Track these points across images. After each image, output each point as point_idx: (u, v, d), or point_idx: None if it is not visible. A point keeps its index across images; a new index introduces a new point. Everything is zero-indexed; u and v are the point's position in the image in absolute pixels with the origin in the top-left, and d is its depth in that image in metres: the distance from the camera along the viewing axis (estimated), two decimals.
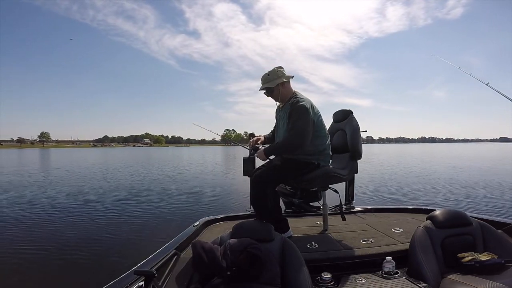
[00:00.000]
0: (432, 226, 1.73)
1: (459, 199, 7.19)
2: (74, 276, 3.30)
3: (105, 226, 5.15)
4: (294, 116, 2.05)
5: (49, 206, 6.89)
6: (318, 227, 2.40)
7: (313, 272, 1.54)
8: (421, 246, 1.62)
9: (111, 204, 7.04)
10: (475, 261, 1.55)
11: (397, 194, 8.21)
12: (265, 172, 2.09)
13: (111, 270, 3.22)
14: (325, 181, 2.21)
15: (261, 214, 2.09)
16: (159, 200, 7.59)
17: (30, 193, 8.73)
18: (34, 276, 3.30)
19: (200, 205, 6.90)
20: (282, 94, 2.18)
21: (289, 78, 2.18)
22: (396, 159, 24.93)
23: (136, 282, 1.26)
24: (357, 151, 2.33)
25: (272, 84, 2.15)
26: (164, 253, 1.63)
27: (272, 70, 2.18)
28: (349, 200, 2.96)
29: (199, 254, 1.42)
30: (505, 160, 21.59)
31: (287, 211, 2.78)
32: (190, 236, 2.01)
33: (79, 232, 4.77)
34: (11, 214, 6.09)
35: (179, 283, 1.44)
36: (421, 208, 2.75)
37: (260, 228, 1.62)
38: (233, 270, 1.36)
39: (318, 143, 2.14)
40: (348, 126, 2.42)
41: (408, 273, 1.62)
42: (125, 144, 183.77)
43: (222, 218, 2.59)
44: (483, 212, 5.34)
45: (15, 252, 3.92)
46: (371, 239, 2.03)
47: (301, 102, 2.06)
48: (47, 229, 5.00)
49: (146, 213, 6.09)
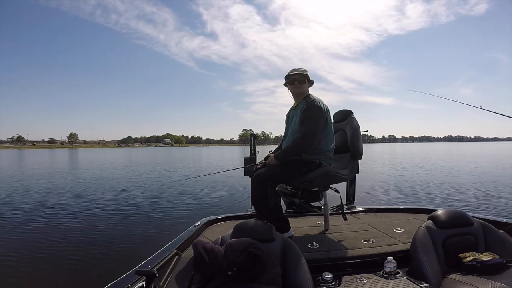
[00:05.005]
0: (433, 226, 1.72)
1: (460, 199, 7.18)
2: (75, 276, 3.31)
3: (106, 226, 5.16)
4: (307, 114, 2.11)
5: (49, 206, 6.91)
6: (319, 227, 2.40)
7: (314, 272, 1.53)
8: (422, 246, 1.62)
9: (111, 204, 7.05)
10: (476, 261, 1.55)
11: (398, 194, 8.21)
12: (266, 172, 2.09)
13: (112, 270, 3.23)
14: (326, 181, 2.21)
15: (262, 214, 2.09)
16: (160, 200, 7.60)
17: (31, 194, 8.75)
18: (35, 276, 3.30)
19: (201, 205, 6.90)
20: (305, 90, 2.27)
21: (312, 81, 2.31)
22: (401, 158, 24.92)
23: (137, 282, 1.26)
24: (358, 151, 2.33)
25: (308, 77, 2.26)
26: (165, 253, 1.63)
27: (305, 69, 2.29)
28: (350, 200, 2.96)
29: (200, 254, 1.42)
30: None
31: (288, 211, 2.78)
32: (191, 236, 2.01)
33: (80, 232, 4.77)
34: (11, 215, 6.11)
35: (180, 283, 1.44)
36: (422, 208, 2.74)
37: (261, 228, 1.62)
38: (234, 270, 1.35)
39: (323, 144, 2.17)
40: (349, 126, 2.42)
41: (409, 273, 1.62)
42: (147, 144, 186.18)
43: (223, 218, 2.59)
44: (485, 212, 5.33)
45: (15, 252, 3.93)
46: (372, 239, 2.03)
47: (316, 102, 2.14)
48: (48, 229, 5.02)
49: (146, 213, 6.09)
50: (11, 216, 5.99)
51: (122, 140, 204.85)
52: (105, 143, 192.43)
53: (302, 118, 2.13)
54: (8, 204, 7.20)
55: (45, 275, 3.32)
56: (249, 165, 2.61)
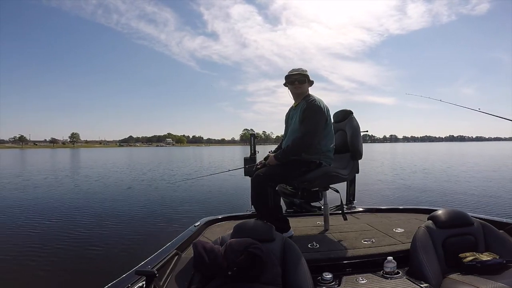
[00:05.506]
0: (433, 226, 1.72)
1: (460, 199, 7.17)
2: (76, 276, 3.31)
3: (106, 226, 5.16)
4: (307, 113, 2.11)
5: (49, 207, 6.91)
6: (319, 227, 2.40)
7: (314, 272, 1.53)
8: (422, 246, 1.62)
9: (111, 204, 7.05)
10: (476, 261, 1.55)
11: (398, 194, 8.20)
12: (266, 172, 2.09)
13: (112, 270, 3.23)
14: (326, 181, 2.21)
15: (262, 214, 2.09)
16: (159, 200, 7.60)
17: (30, 195, 8.76)
18: (36, 276, 3.30)
19: (201, 205, 6.90)
20: (305, 90, 2.28)
21: (312, 81, 2.31)
22: (402, 158, 24.91)
23: (137, 282, 1.26)
24: (358, 151, 2.33)
25: (308, 77, 2.26)
26: (165, 253, 1.63)
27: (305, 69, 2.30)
28: (350, 200, 2.96)
29: (200, 254, 1.42)
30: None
31: (288, 211, 2.78)
32: (191, 236, 2.01)
33: (80, 233, 4.78)
34: (11, 215, 6.12)
35: (180, 283, 1.44)
36: (422, 208, 2.74)
37: (261, 228, 1.62)
38: (234, 270, 1.36)
39: (323, 143, 2.17)
40: (348, 126, 2.42)
41: (409, 273, 1.62)
42: (149, 144, 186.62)
43: (223, 218, 2.59)
44: (485, 212, 5.33)
45: (16, 252, 3.93)
46: (372, 239, 2.03)
47: (316, 102, 2.14)
48: (48, 229, 5.02)
49: (147, 213, 6.10)
50: (11, 216, 6.00)
51: (123, 139, 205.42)
52: (106, 143, 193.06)
53: (302, 117, 2.14)
54: (9, 203, 7.22)
55: (45, 274, 3.32)
56: (249, 165, 2.61)
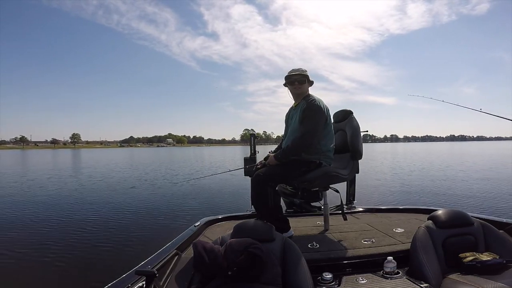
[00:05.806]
0: (433, 226, 1.72)
1: (460, 199, 7.17)
2: (76, 276, 3.31)
3: (106, 226, 5.16)
4: (307, 113, 2.11)
5: (49, 207, 6.92)
6: (319, 227, 2.40)
7: (314, 272, 1.53)
8: (422, 246, 1.62)
9: (112, 204, 7.06)
10: (476, 261, 1.55)
11: (398, 194, 8.20)
12: (266, 172, 2.09)
13: (112, 270, 3.23)
14: (326, 181, 2.21)
15: (262, 214, 2.09)
16: (159, 200, 7.61)
17: (32, 194, 8.75)
18: (36, 275, 3.31)
19: (201, 205, 6.91)
20: (305, 90, 2.28)
21: (312, 81, 2.31)
22: (402, 158, 24.90)
23: (137, 282, 1.26)
24: (358, 151, 2.33)
25: (308, 77, 2.27)
26: (165, 253, 1.63)
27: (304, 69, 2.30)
28: (350, 200, 2.96)
29: (200, 254, 1.42)
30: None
31: (288, 211, 2.78)
32: (191, 236, 2.01)
33: (80, 233, 4.78)
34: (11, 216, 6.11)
35: (180, 283, 1.44)
36: (422, 208, 2.74)
37: (261, 228, 1.62)
38: (234, 270, 1.35)
39: (323, 143, 2.17)
40: (348, 126, 2.42)
41: (409, 273, 1.62)
42: (150, 144, 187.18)
43: (223, 218, 2.59)
44: (485, 212, 5.33)
45: (17, 252, 3.93)
46: (372, 239, 2.03)
47: (316, 102, 2.15)
48: (48, 229, 5.03)
49: (147, 213, 6.10)
50: (11, 215, 6.01)
51: (124, 140, 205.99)
52: (107, 144, 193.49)
53: (302, 117, 2.14)
54: (11, 203, 7.22)
55: (46, 274, 3.33)
56: (249, 165, 2.61)
